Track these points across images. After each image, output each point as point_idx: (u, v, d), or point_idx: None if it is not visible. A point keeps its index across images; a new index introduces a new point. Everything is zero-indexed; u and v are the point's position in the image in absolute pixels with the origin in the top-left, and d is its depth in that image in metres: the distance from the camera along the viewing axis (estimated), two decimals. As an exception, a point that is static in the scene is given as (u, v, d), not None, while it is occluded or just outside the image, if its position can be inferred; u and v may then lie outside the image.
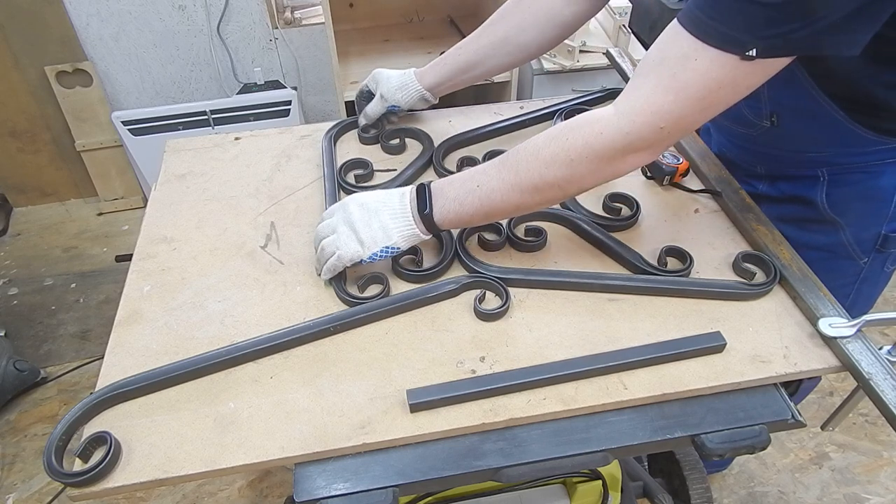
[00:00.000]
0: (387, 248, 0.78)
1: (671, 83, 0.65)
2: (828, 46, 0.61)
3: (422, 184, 0.79)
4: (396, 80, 1.03)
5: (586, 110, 1.09)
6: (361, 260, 0.78)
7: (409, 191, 0.79)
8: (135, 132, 2.14)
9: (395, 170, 1.01)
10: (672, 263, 0.83)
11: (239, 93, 2.25)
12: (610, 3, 1.03)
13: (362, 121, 1.09)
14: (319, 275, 0.82)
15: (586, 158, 0.70)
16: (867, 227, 0.89)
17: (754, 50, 0.60)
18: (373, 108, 1.06)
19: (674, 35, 0.65)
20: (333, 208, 0.83)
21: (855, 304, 0.97)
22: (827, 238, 0.91)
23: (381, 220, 0.78)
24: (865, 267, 0.94)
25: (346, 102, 1.95)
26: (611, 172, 0.72)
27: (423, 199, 0.77)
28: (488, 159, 1.00)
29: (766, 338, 0.73)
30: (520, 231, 0.88)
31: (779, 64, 0.63)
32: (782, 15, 0.59)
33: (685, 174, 0.97)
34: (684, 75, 0.64)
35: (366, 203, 0.79)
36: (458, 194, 0.77)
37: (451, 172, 0.97)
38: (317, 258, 0.82)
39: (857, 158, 0.84)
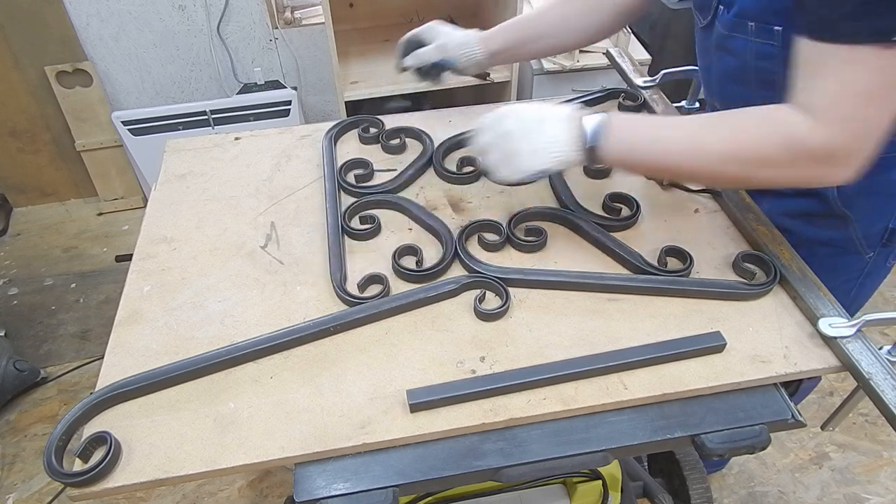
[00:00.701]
0: (541, 171, 0.75)
1: (845, 88, 0.62)
2: None
3: (599, 115, 0.74)
4: (459, 37, 0.99)
5: (586, 111, 1.10)
6: (510, 181, 0.78)
7: (576, 115, 0.75)
8: (135, 132, 2.14)
9: (396, 170, 1.01)
10: (672, 263, 0.83)
11: (239, 93, 2.25)
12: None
13: (409, 62, 1.01)
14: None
15: (784, 163, 0.67)
16: (875, 221, 0.89)
17: None
18: (427, 53, 1.00)
19: (812, 51, 0.63)
20: (486, 121, 0.79)
21: (857, 299, 0.97)
22: (835, 233, 0.90)
23: (542, 141, 0.74)
24: (870, 262, 0.94)
25: (346, 102, 1.95)
26: (816, 180, 0.69)
27: (596, 132, 0.73)
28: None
29: (766, 338, 0.73)
30: (520, 231, 0.88)
31: None
32: None
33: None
34: (855, 77, 0.61)
35: (524, 120, 0.76)
36: (633, 139, 0.74)
37: (452, 173, 0.98)
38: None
39: None
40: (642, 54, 2.08)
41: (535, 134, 0.75)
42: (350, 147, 1.08)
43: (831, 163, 0.66)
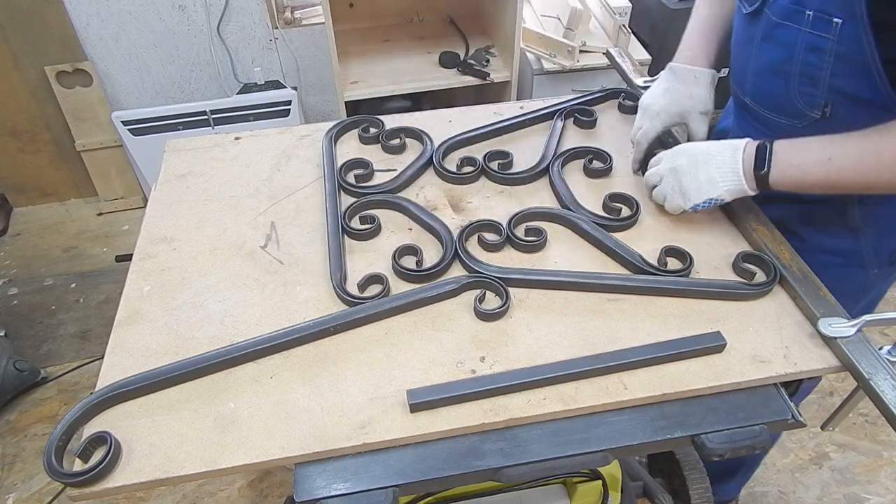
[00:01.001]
0: (711, 199, 0.82)
1: None
2: None
3: (763, 143, 0.78)
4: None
5: (587, 110, 1.10)
6: (685, 209, 0.84)
7: (742, 145, 0.79)
8: (135, 132, 2.14)
9: (396, 170, 1.01)
10: (672, 263, 0.83)
11: (239, 93, 2.25)
12: (610, 3, 1.03)
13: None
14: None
15: None
16: (886, 237, 0.88)
17: None
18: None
19: None
20: (661, 156, 0.87)
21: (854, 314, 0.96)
22: (843, 244, 0.89)
23: (708, 171, 0.81)
24: (873, 278, 0.92)
25: (346, 102, 1.95)
26: None
27: (762, 158, 0.77)
28: (489, 160, 1.00)
29: (766, 338, 0.73)
30: (520, 231, 0.88)
31: None
32: None
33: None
34: None
35: (694, 155, 0.82)
36: (804, 162, 0.76)
37: (452, 173, 0.98)
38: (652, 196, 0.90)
39: None
40: (642, 54, 2.08)
41: (703, 165, 0.81)
42: (350, 147, 1.08)
43: None
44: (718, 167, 0.80)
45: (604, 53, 1.32)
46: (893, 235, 0.88)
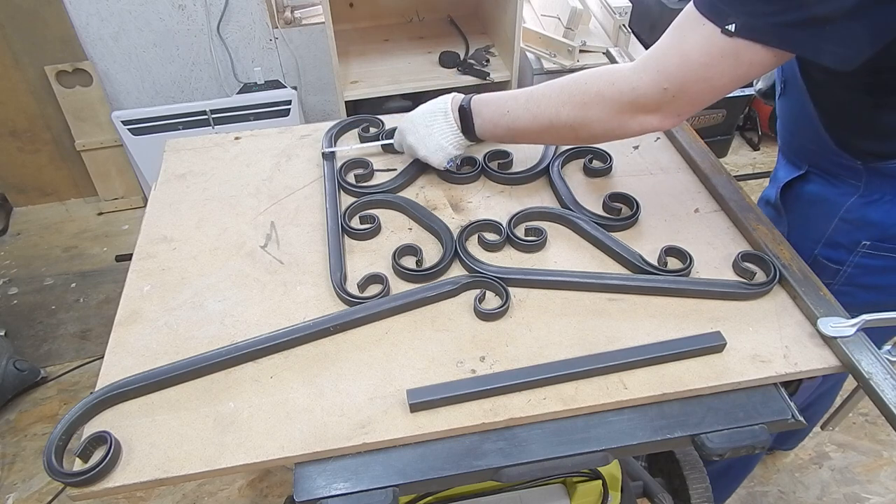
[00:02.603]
0: (450, 160, 0.93)
1: (679, 46, 0.67)
2: (811, 47, 0.61)
3: (461, 105, 0.88)
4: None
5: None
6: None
7: (450, 109, 0.88)
8: (135, 132, 2.14)
9: (396, 169, 1.01)
10: (672, 263, 0.83)
11: (239, 92, 2.25)
12: (610, 2, 1.03)
13: None
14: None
15: (596, 105, 0.74)
16: (806, 237, 0.90)
17: (733, 25, 0.62)
18: None
19: (689, 5, 0.67)
20: (397, 136, 0.98)
21: None
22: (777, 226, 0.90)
23: (435, 140, 0.91)
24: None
25: (346, 102, 1.95)
26: (618, 125, 0.75)
27: (466, 118, 0.87)
28: (489, 159, 1.00)
29: (766, 338, 0.73)
30: (520, 231, 0.88)
31: (768, 54, 0.63)
32: None
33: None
34: (688, 41, 0.66)
35: (416, 125, 0.92)
36: (493, 117, 0.85)
37: (452, 173, 0.98)
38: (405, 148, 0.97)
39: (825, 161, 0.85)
40: (642, 54, 2.08)
41: (426, 138, 0.91)
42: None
43: (636, 107, 0.72)
44: (440, 134, 0.90)
45: (604, 53, 1.32)
46: (809, 236, 0.89)
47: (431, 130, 0.90)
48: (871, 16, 0.58)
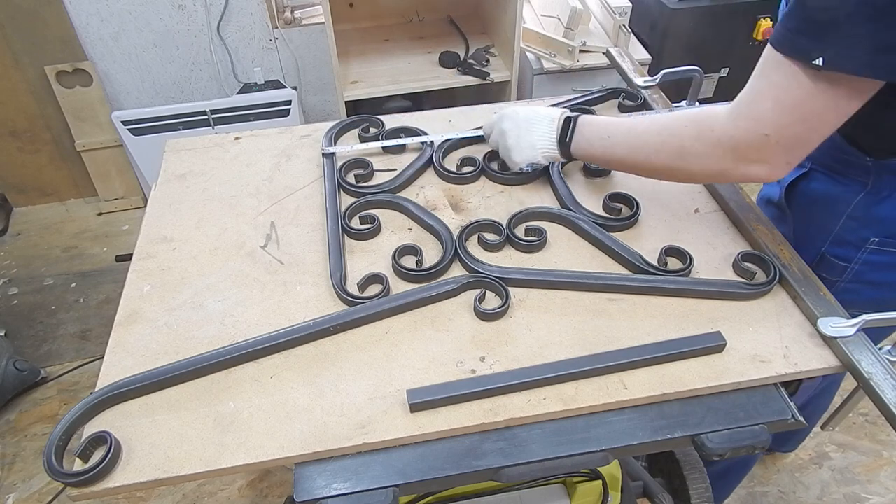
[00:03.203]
0: (531, 163, 0.92)
1: (768, 90, 0.65)
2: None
3: (569, 116, 0.87)
4: None
5: (587, 110, 1.10)
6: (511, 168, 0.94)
7: (557, 117, 0.88)
8: (135, 132, 2.14)
9: (395, 169, 1.01)
10: (672, 263, 0.83)
11: (239, 93, 2.25)
12: (610, 2, 1.03)
13: None
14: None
15: (694, 152, 0.73)
16: (813, 235, 0.89)
17: (820, 59, 0.60)
18: None
19: (767, 46, 0.66)
20: (493, 121, 0.96)
21: None
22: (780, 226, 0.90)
23: (530, 139, 0.90)
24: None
25: (346, 102, 1.95)
26: (719, 173, 0.72)
27: (566, 130, 0.87)
28: (489, 159, 1.00)
29: (766, 338, 0.73)
30: (520, 231, 0.88)
31: (862, 84, 0.61)
32: (846, 20, 0.57)
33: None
34: (777, 82, 0.64)
35: (517, 120, 0.91)
36: (591, 137, 0.84)
37: (452, 173, 0.98)
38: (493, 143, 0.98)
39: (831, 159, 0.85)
40: (642, 54, 2.08)
41: (525, 133, 0.90)
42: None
43: (737, 155, 0.69)
44: (539, 135, 0.89)
45: (604, 53, 1.32)
46: (817, 234, 0.89)
47: (531, 128, 0.89)
48: None
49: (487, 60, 2.03)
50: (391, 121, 1.11)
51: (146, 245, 0.90)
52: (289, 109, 2.19)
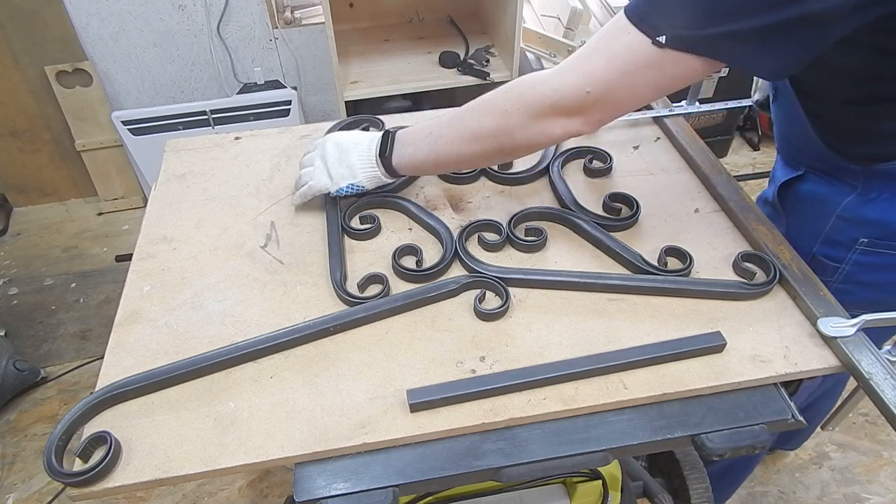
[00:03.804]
0: (352, 185, 0.87)
1: (604, 50, 0.67)
2: (740, 58, 0.62)
3: (388, 130, 0.85)
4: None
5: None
6: (330, 192, 0.88)
7: (378, 137, 0.85)
8: (135, 132, 2.14)
9: (395, 170, 1.01)
10: (672, 263, 0.83)
11: (239, 93, 2.25)
12: (610, 2, 1.03)
13: None
14: (293, 203, 0.93)
15: (517, 110, 0.73)
16: (805, 235, 0.90)
17: (664, 37, 0.62)
18: None
19: (619, 12, 0.67)
20: (316, 143, 0.91)
21: None
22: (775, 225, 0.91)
23: (349, 159, 0.86)
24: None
25: (346, 102, 1.95)
26: (539, 131, 0.73)
27: (386, 143, 0.84)
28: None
29: (766, 338, 0.73)
30: (520, 231, 0.88)
31: (696, 63, 0.63)
32: (694, 6, 0.60)
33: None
34: (615, 46, 0.66)
35: (340, 143, 0.88)
36: (415, 140, 0.82)
37: (452, 172, 0.98)
38: (294, 186, 0.93)
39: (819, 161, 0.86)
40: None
41: (345, 154, 0.87)
42: (350, 147, 1.08)
43: (557, 110, 0.70)
44: (358, 156, 0.86)
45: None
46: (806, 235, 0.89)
47: (352, 149, 0.86)
48: (794, 35, 0.59)
49: (487, 60, 2.03)
50: (391, 121, 1.11)
51: (146, 245, 0.90)
52: (289, 109, 2.19)
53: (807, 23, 0.57)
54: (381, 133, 0.85)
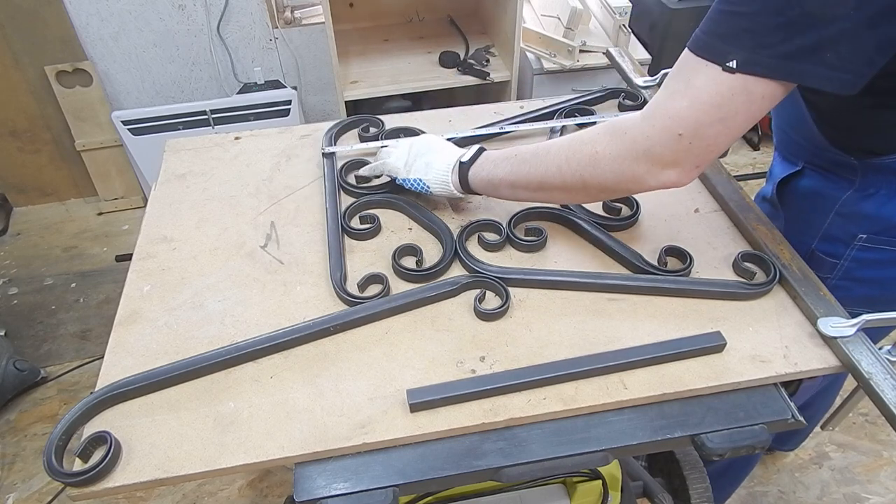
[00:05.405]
0: (420, 181, 0.88)
1: (685, 90, 0.65)
2: (811, 76, 0.60)
3: (483, 147, 0.85)
4: None
5: (587, 110, 1.10)
6: (397, 179, 0.90)
7: (469, 148, 0.86)
8: (135, 132, 2.14)
9: (395, 170, 1.01)
10: (672, 263, 0.83)
11: (239, 92, 2.25)
12: (610, 2, 1.03)
13: None
14: (360, 171, 0.96)
15: (607, 157, 0.71)
16: (803, 231, 0.89)
17: (734, 62, 0.61)
18: None
19: (685, 50, 0.66)
20: (404, 140, 0.94)
21: None
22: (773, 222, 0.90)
23: (430, 158, 0.87)
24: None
25: (346, 102, 1.95)
26: (632, 178, 0.70)
27: (475, 156, 0.84)
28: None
29: (766, 338, 0.73)
30: (520, 231, 0.88)
31: (774, 86, 0.62)
32: (759, 25, 0.59)
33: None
34: (694, 84, 0.64)
35: (431, 142, 0.90)
36: (498, 158, 0.82)
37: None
38: (374, 158, 0.96)
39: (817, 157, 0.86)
40: (642, 54, 2.08)
41: (429, 153, 0.88)
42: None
43: (651, 158, 0.68)
44: (440, 159, 0.86)
45: (604, 53, 1.32)
46: (806, 231, 0.89)
47: (437, 151, 0.88)
48: (875, 34, 0.57)
49: (487, 60, 2.03)
50: (391, 121, 1.11)
51: (146, 245, 0.90)
52: (289, 109, 2.19)
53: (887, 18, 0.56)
54: (475, 147, 0.85)
